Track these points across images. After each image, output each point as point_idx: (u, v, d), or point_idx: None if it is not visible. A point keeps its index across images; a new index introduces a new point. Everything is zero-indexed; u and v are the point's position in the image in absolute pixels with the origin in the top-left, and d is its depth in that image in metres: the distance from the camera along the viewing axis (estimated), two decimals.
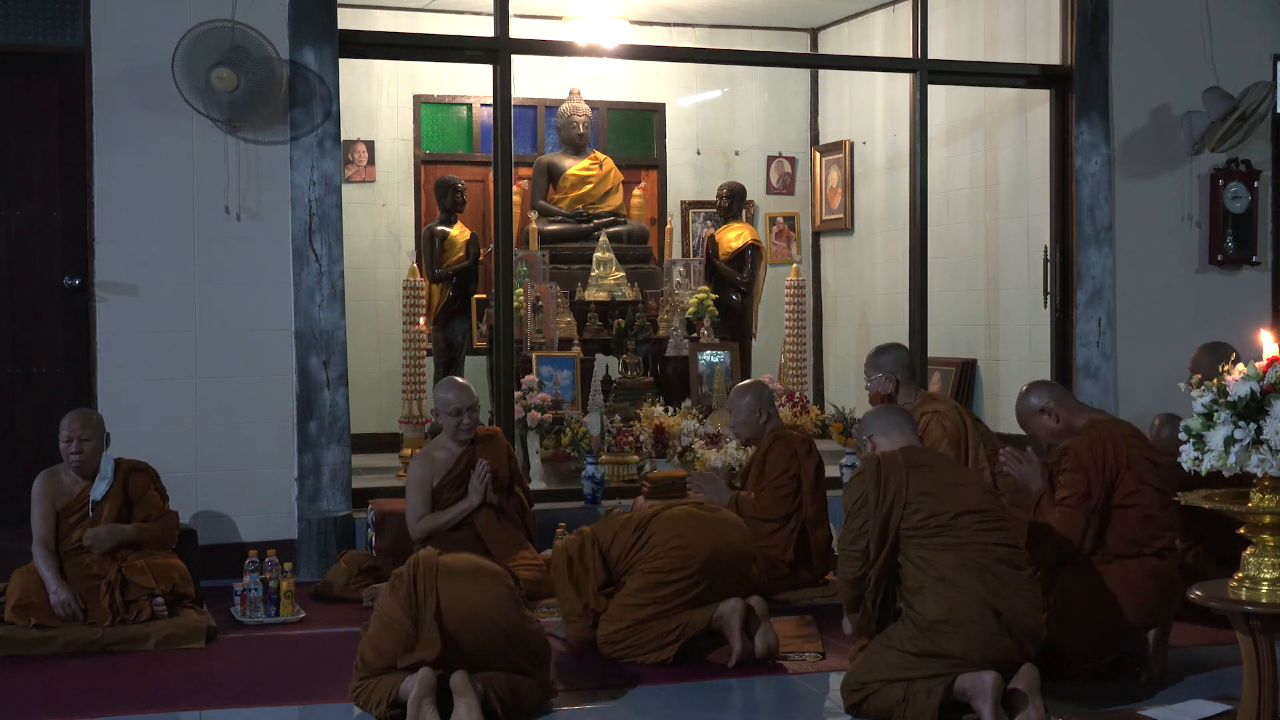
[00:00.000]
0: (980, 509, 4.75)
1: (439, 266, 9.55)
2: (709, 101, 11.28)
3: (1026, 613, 4.64)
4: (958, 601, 4.58)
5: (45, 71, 7.06)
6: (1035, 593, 4.75)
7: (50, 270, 7.09)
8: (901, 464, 4.81)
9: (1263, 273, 8.91)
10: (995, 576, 4.63)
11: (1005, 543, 4.75)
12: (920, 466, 4.82)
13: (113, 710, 4.91)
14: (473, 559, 4.94)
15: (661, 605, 5.46)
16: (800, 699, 5.08)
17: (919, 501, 4.72)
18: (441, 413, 6.67)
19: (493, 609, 4.70)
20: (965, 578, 4.60)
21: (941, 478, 4.82)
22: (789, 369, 10.01)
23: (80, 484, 6.08)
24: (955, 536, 4.68)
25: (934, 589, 4.62)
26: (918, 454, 4.93)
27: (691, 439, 8.24)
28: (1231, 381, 3.78)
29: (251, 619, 6.15)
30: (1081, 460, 5.10)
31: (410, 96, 10.46)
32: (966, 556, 4.64)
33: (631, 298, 9.47)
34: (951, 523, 4.69)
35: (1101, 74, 8.54)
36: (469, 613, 4.66)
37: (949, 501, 4.72)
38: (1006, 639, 4.57)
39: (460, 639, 4.63)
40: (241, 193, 7.11)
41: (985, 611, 4.56)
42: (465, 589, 4.69)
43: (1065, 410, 5.36)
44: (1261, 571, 3.77)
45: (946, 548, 4.66)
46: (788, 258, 10.88)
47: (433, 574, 4.70)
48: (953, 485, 4.80)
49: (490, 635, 4.67)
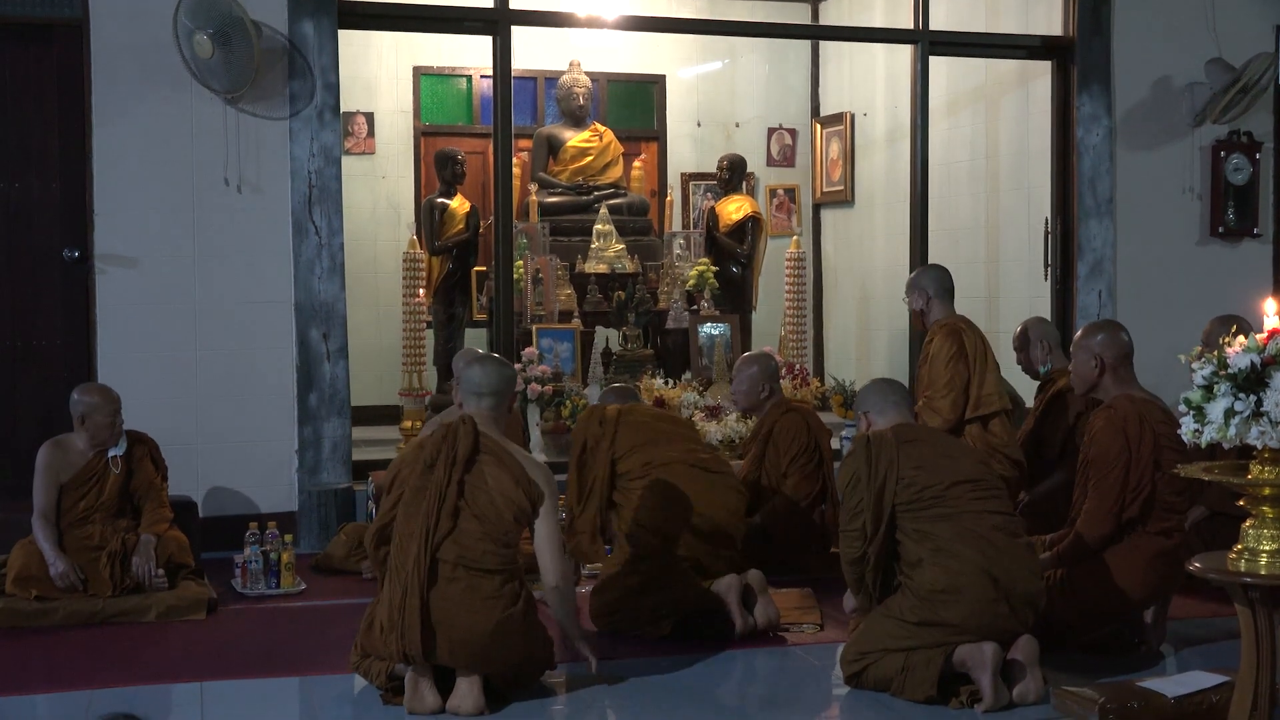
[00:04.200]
0: (973, 478, 4.77)
1: (439, 239, 9.53)
2: (709, 73, 11.24)
3: (1024, 579, 4.65)
4: (955, 570, 4.59)
5: (43, 42, 7.03)
6: (1033, 559, 4.78)
7: (50, 243, 7.08)
8: (891, 441, 4.82)
9: (1264, 245, 8.90)
10: (991, 544, 4.64)
11: (1000, 510, 4.77)
12: (909, 442, 4.83)
13: (113, 682, 4.93)
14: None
15: (648, 576, 5.47)
16: (801, 670, 5.09)
17: (911, 475, 4.73)
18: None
19: (481, 631, 4.50)
20: (962, 546, 4.62)
21: (931, 450, 4.83)
22: (789, 341, 10.01)
23: (89, 454, 6.08)
24: (950, 507, 4.69)
25: (931, 560, 4.64)
26: (907, 430, 4.93)
27: (691, 411, 8.24)
28: (1231, 354, 3.77)
29: (252, 591, 6.17)
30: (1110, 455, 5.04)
31: (410, 68, 10.43)
32: (962, 526, 4.66)
33: (631, 270, 9.46)
34: (944, 494, 4.70)
35: (1103, 45, 8.51)
36: (462, 641, 4.50)
37: (940, 473, 4.74)
38: (1004, 605, 4.59)
39: (454, 661, 4.54)
40: (241, 165, 7.09)
41: (983, 579, 4.58)
42: (456, 615, 4.51)
43: (1114, 375, 5.26)
44: (1261, 544, 3.77)
45: (941, 518, 4.68)
46: (788, 230, 10.86)
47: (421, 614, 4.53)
48: (943, 458, 4.81)
49: (482, 657, 4.53)
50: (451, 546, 4.54)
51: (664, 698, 4.75)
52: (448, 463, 4.61)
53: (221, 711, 4.66)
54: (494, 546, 4.56)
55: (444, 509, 4.57)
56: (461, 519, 4.57)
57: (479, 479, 4.62)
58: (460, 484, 4.60)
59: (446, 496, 4.57)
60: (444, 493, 4.58)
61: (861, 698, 4.70)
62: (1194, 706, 4.34)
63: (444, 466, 4.61)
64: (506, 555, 4.60)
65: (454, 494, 4.58)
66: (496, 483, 4.62)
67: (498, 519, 4.58)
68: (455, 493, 4.58)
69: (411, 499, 4.63)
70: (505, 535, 4.60)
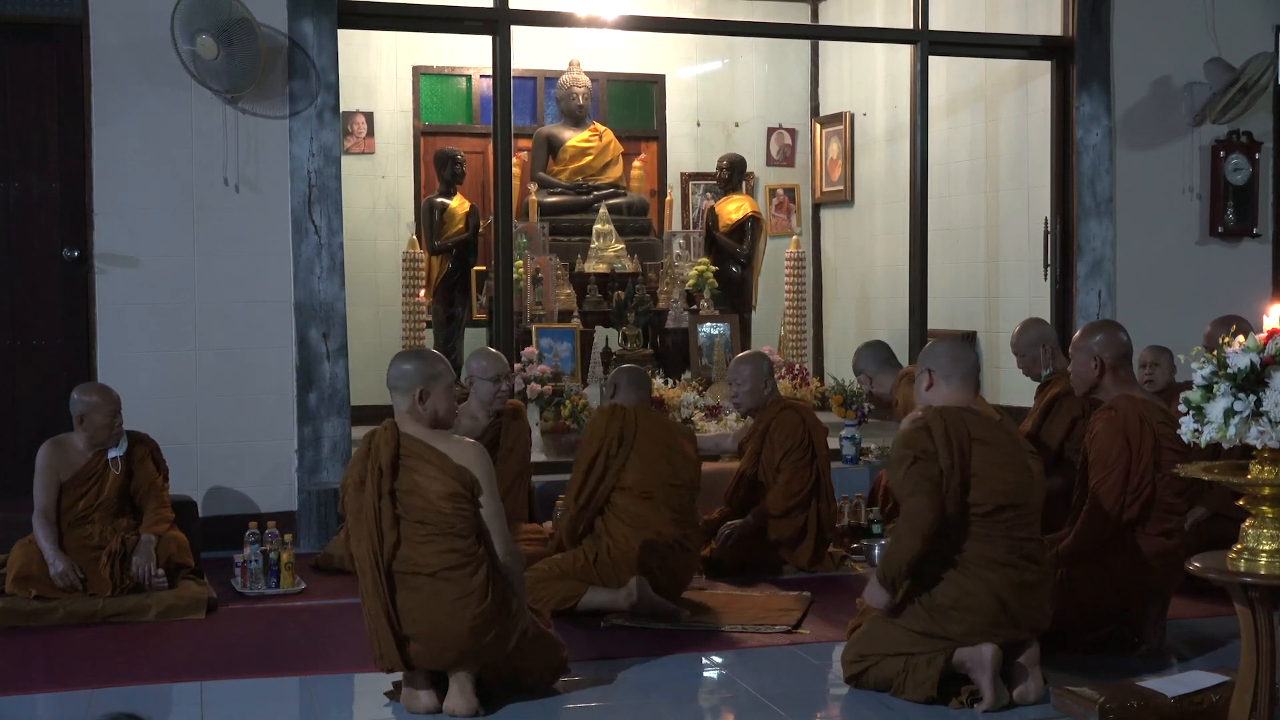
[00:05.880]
0: (1017, 503, 4.57)
1: (438, 238, 9.54)
2: (709, 73, 11.25)
3: (1035, 607, 4.61)
4: (969, 590, 4.54)
5: (44, 42, 7.02)
6: (1048, 584, 4.70)
7: (49, 242, 7.07)
8: (965, 430, 4.57)
9: (1263, 244, 8.90)
10: (1014, 570, 4.56)
11: (1032, 536, 4.64)
12: (980, 441, 4.58)
13: (113, 682, 4.93)
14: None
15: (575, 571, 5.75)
16: (801, 670, 5.09)
17: (969, 481, 4.53)
18: (479, 379, 6.54)
19: (454, 623, 4.46)
20: (983, 569, 4.54)
21: (994, 458, 4.58)
22: (789, 341, 10.01)
23: (89, 454, 6.08)
24: (988, 529, 4.55)
25: (947, 575, 4.57)
26: (977, 422, 4.64)
27: (691, 411, 8.25)
28: (1231, 353, 3.77)
29: (252, 590, 6.17)
30: (1110, 456, 5.03)
31: (409, 68, 10.43)
32: (991, 552, 4.55)
33: (631, 270, 9.46)
34: (988, 515, 4.55)
35: (1103, 45, 8.51)
36: (441, 647, 4.47)
37: (993, 491, 4.54)
38: (1011, 629, 4.57)
39: (439, 664, 4.53)
40: (241, 164, 7.09)
41: (994, 602, 4.53)
42: (423, 608, 4.48)
43: (1113, 376, 5.25)
44: (1260, 543, 3.77)
45: (973, 537, 4.55)
46: (788, 230, 10.86)
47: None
48: (1002, 468, 4.58)
49: (465, 657, 4.51)
50: (402, 558, 4.48)
51: (660, 697, 4.74)
52: (374, 476, 4.51)
53: (221, 711, 4.66)
54: (446, 544, 4.46)
55: (383, 523, 4.48)
56: (403, 527, 4.48)
57: (409, 483, 4.51)
58: (392, 494, 4.50)
59: (382, 510, 4.48)
60: (377, 507, 4.48)
61: (861, 698, 4.69)
62: (1194, 706, 4.34)
63: (372, 480, 4.51)
64: (463, 545, 4.48)
65: (388, 506, 4.48)
66: (427, 480, 4.50)
67: (438, 516, 4.47)
68: (389, 504, 4.48)
69: (354, 523, 4.58)
70: (453, 527, 4.48)
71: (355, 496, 4.57)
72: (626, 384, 6.10)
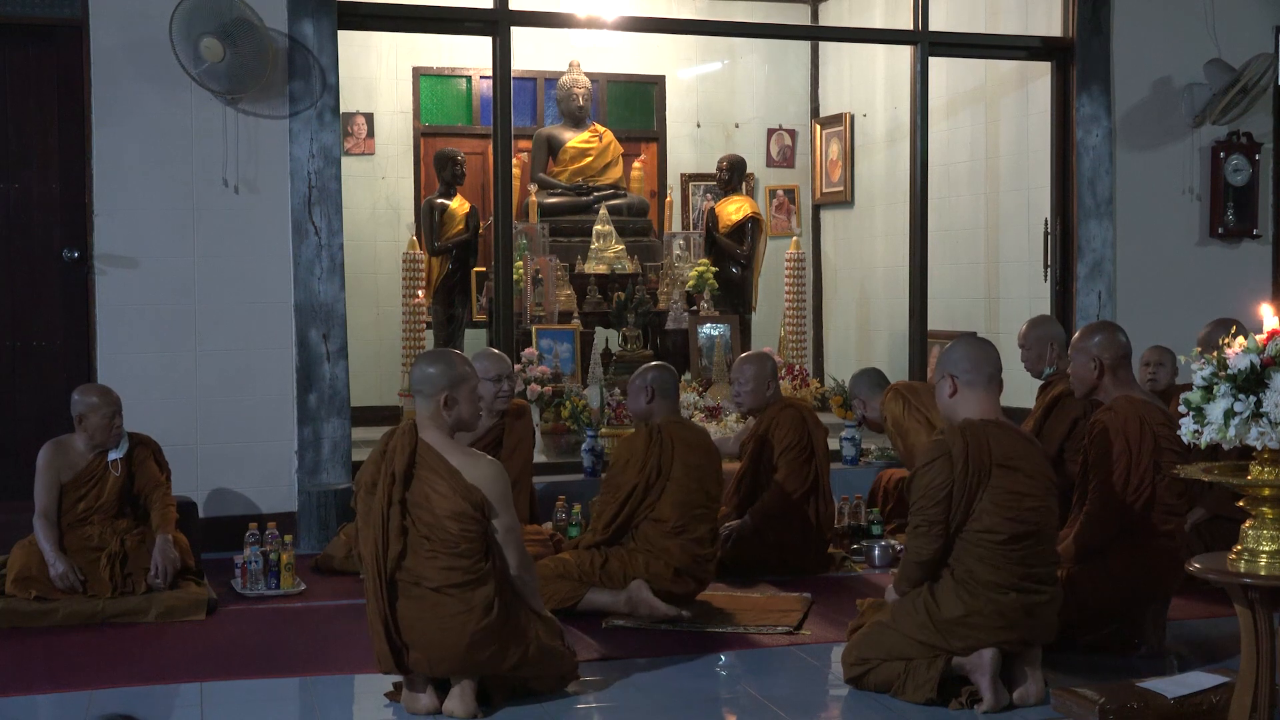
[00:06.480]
0: (1035, 531, 4.53)
1: (438, 239, 9.54)
2: (709, 74, 11.25)
3: (1041, 624, 4.61)
4: (976, 609, 4.53)
5: (43, 42, 7.03)
6: (1058, 602, 4.67)
7: (49, 243, 7.07)
8: (987, 452, 4.48)
9: (1263, 245, 8.90)
10: (1024, 593, 4.55)
11: (1048, 561, 4.63)
12: (1003, 467, 4.50)
13: (113, 682, 4.93)
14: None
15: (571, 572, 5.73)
16: (801, 670, 5.09)
17: (986, 506, 4.49)
18: (480, 379, 6.52)
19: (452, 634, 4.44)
20: (993, 592, 4.52)
21: (1016, 485, 4.51)
22: (789, 342, 10.02)
23: (89, 455, 6.08)
24: (1003, 556, 4.52)
25: (956, 590, 4.56)
26: (1002, 442, 4.54)
27: (691, 412, 8.25)
28: (1231, 354, 3.77)
29: (252, 591, 6.17)
30: (1110, 457, 5.02)
31: (409, 69, 10.44)
32: (1003, 578, 4.53)
33: (631, 270, 9.46)
34: (1003, 544, 4.51)
35: (1103, 46, 8.51)
36: (439, 658, 4.46)
37: (1008, 520, 4.48)
38: (1015, 640, 4.56)
39: (436, 672, 4.52)
40: (240, 165, 7.09)
41: (1000, 620, 4.52)
42: (422, 619, 4.46)
43: (1113, 377, 5.23)
44: (1260, 544, 3.77)
45: (986, 561, 4.53)
46: (788, 231, 10.86)
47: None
48: (1025, 495, 4.51)
49: (463, 667, 4.49)
50: (406, 569, 4.46)
51: (662, 698, 4.74)
52: (386, 482, 4.48)
53: (221, 711, 4.66)
54: (449, 562, 4.42)
55: (390, 531, 4.45)
56: (410, 539, 4.45)
57: (420, 496, 4.47)
58: (402, 503, 4.47)
59: (390, 518, 4.45)
60: (386, 514, 4.45)
61: (861, 698, 4.69)
62: (1194, 706, 4.33)
63: (384, 486, 4.48)
64: (467, 566, 4.45)
65: (397, 515, 4.46)
66: (438, 496, 4.46)
67: (445, 535, 4.43)
68: (398, 513, 4.46)
69: (362, 524, 4.57)
70: (458, 548, 4.43)
71: (366, 499, 4.55)
72: (662, 394, 5.87)
